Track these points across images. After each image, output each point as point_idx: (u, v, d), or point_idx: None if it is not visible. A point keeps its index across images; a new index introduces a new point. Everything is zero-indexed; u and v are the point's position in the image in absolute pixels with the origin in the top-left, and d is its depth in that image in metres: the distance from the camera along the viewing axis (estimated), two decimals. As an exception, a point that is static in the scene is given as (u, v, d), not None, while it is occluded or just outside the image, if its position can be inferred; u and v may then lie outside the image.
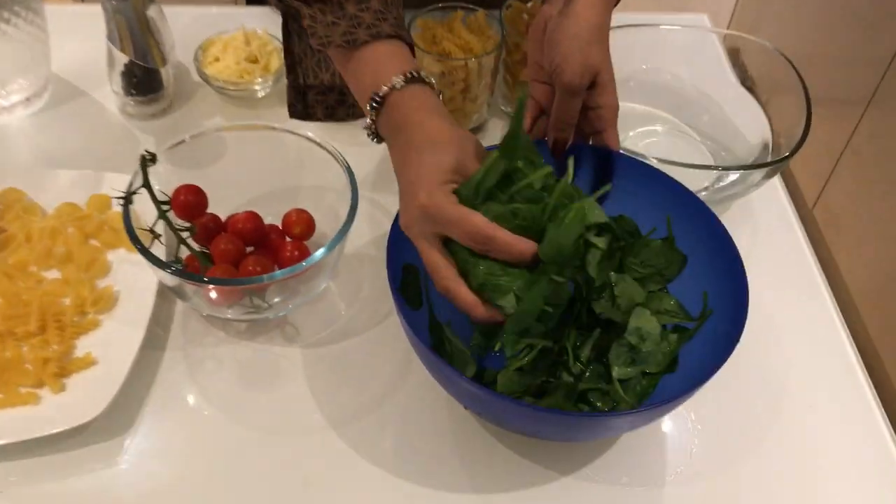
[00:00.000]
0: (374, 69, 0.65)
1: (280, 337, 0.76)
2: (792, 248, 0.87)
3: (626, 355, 0.69)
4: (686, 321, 0.71)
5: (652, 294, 0.73)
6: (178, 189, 0.73)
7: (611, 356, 0.68)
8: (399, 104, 0.64)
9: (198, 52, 0.94)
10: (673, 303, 0.72)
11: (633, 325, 0.69)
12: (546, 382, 0.69)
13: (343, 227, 0.72)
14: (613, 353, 0.68)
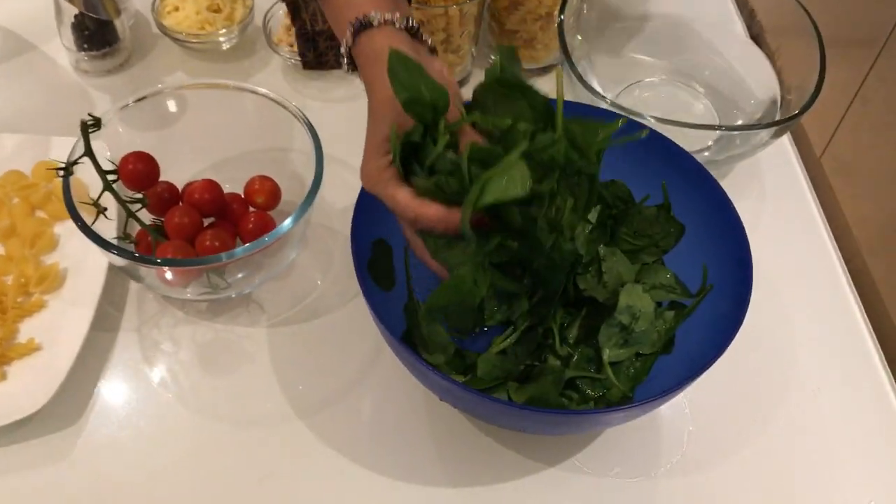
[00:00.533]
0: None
1: (244, 316, 0.70)
2: (802, 215, 0.80)
3: (617, 336, 0.63)
4: (684, 297, 0.65)
5: (646, 267, 0.67)
6: (126, 157, 0.67)
7: (601, 337, 0.62)
8: (361, 51, 0.57)
9: (155, 1, 0.86)
10: (669, 276, 0.66)
11: (623, 302, 0.62)
12: (531, 367, 0.64)
13: (308, 197, 0.65)
14: (604, 334, 0.62)
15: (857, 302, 0.74)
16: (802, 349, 0.70)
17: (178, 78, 0.87)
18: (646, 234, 0.68)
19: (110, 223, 0.66)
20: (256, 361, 0.67)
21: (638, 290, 0.64)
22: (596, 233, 0.68)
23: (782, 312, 0.72)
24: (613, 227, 0.68)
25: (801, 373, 0.69)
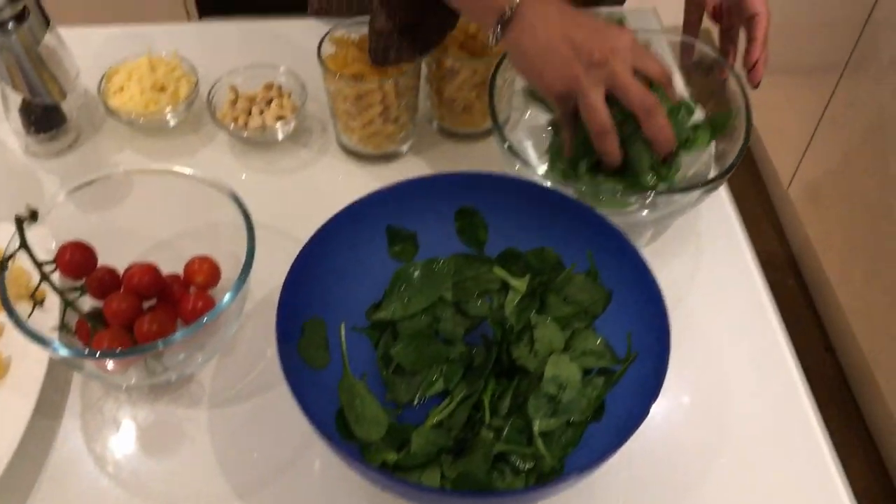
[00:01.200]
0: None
1: (185, 397, 0.71)
2: (738, 267, 0.82)
3: (546, 406, 0.64)
4: (612, 364, 0.66)
5: (577, 332, 0.68)
6: (63, 247, 0.68)
7: (530, 408, 0.63)
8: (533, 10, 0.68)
9: (102, 81, 0.88)
10: (599, 342, 0.67)
11: (550, 373, 0.64)
12: (464, 440, 0.65)
13: (241, 275, 0.67)
14: (532, 406, 0.63)
15: (792, 355, 0.76)
16: (736, 404, 0.71)
17: (127, 156, 0.88)
18: (575, 300, 0.69)
19: (53, 311, 0.68)
20: (197, 442, 0.68)
21: (564, 359, 0.65)
22: (526, 301, 0.70)
23: (717, 367, 0.74)
24: (543, 295, 0.70)
25: (736, 429, 0.70)
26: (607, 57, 0.66)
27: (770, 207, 2.06)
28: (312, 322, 0.65)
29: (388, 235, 0.71)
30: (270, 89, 0.89)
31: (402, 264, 0.72)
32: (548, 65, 0.68)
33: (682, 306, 0.77)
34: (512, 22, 0.68)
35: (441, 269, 0.71)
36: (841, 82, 1.69)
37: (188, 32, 1.02)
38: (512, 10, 0.68)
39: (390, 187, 0.70)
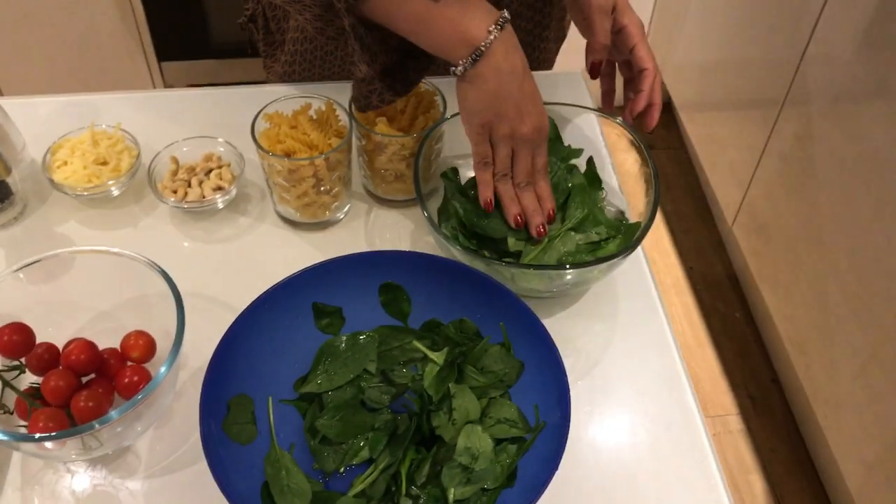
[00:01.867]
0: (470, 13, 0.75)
1: (122, 467, 0.74)
2: (653, 331, 0.86)
3: (459, 475, 0.68)
4: (524, 433, 0.70)
5: (493, 401, 0.73)
6: (2, 329, 0.72)
7: (444, 478, 0.67)
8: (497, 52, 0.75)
9: (46, 156, 0.92)
10: (513, 410, 0.72)
11: (462, 444, 0.68)
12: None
13: (172, 350, 0.70)
14: (446, 476, 0.67)
15: (701, 421, 0.80)
16: (646, 462, 0.76)
17: (71, 227, 0.92)
18: (491, 370, 0.73)
19: (-9, 391, 0.71)
20: (133, 513, 0.71)
21: (477, 430, 0.69)
22: (445, 372, 0.74)
23: (629, 431, 0.78)
24: (461, 366, 0.74)
25: (644, 487, 0.74)
26: (530, 134, 0.78)
27: (718, 239, 2.12)
28: (238, 399, 0.69)
29: (315, 311, 0.75)
30: (210, 160, 0.93)
31: (330, 337, 0.76)
32: (492, 109, 0.77)
33: (598, 370, 0.82)
34: (482, 58, 0.75)
35: (365, 342, 0.75)
36: (781, 115, 1.75)
37: (132, 102, 1.06)
38: (486, 47, 0.75)
39: (315, 266, 0.74)
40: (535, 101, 0.77)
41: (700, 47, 2.15)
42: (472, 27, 0.75)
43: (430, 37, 0.77)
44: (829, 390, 1.59)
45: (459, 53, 0.76)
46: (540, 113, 0.78)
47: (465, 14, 0.75)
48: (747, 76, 1.92)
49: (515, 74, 0.76)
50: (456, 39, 0.75)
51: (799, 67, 1.67)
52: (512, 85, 0.76)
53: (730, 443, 1.73)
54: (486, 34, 0.74)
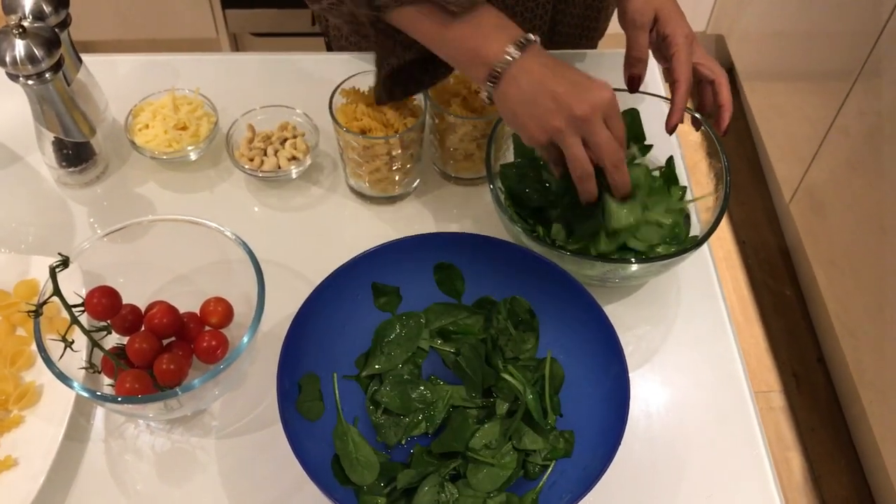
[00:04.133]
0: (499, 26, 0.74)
1: (198, 427, 0.78)
2: (714, 320, 0.87)
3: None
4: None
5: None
6: (92, 292, 0.75)
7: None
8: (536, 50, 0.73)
9: (128, 118, 0.95)
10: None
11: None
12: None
13: (253, 322, 0.74)
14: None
15: (754, 408, 0.82)
16: (698, 455, 0.78)
17: (150, 188, 0.95)
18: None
19: (81, 350, 0.75)
20: (207, 471, 0.76)
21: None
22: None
23: (683, 418, 0.80)
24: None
25: (695, 478, 0.76)
26: (586, 112, 0.71)
27: (773, 213, 2.11)
28: (307, 377, 0.72)
29: (374, 290, 0.79)
30: (285, 129, 0.96)
31: (388, 315, 0.79)
32: (531, 117, 0.73)
33: (656, 357, 0.84)
34: (502, 77, 0.73)
35: (416, 323, 0.79)
36: (853, 91, 1.71)
37: (210, 63, 1.08)
38: (503, 68, 0.73)
39: (375, 248, 0.77)
40: (578, 82, 0.72)
41: (770, 14, 2.10)
42: (485, 48, 0.73)
43: (446, 55, 0.77)
44: (875, 374, 1.59)
45: (476, 73, 0.75)
46: (589, 89, 0.72)
47: (479, 34, 0.74)
48: (819, 47, 1.87)
49: (539, 75, 0.72)
50: (470, 59, 0.75)
51: (877, 42, 1.63)
52: (540, 84, 0.72)
53: (771, 419, 1.75)
54: (502, 55, 0.72)
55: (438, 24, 0.74)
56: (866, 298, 1.62)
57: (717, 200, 0.84)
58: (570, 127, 0.72)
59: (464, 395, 0.76)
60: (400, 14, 0.76)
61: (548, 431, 0.73)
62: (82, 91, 0.93)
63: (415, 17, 0.75)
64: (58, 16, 0.87)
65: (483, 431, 0.72)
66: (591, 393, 0.74)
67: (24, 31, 0.81)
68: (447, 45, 0.76)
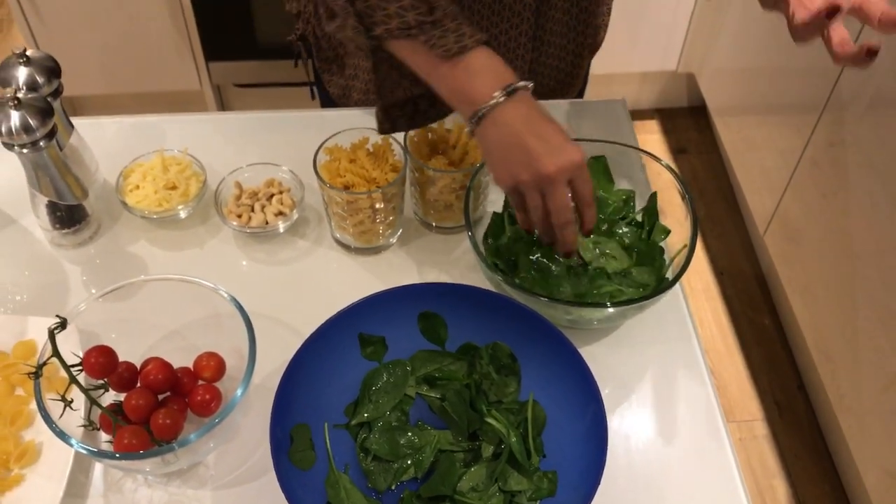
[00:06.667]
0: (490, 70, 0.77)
1: (194, 479, 0.81)
2: (689, 360, 0.91)
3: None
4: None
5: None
6: (89, 352, 0.78)
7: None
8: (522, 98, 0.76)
9: (119, 179, 0.98)
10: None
11: None
12: None
13: (245, 377, 0.77)
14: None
15: (729, 441, 0.85)
16: (678, 487, 0.81)
17: (141, 246, 0.98)
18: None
19: (79, 408, 0.78)
20: (205, 523, 0.78)
21: None
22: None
23: (662, 452, 0.83)
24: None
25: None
26: (552, 173, 0.75)
27: (749, 246, 2.16)
28: (299, 428, 0.75)
29: (360, 341, 0.82)
30: (272, 185, 0.99)
31: (375, 364, 0.82)
32: (502, 163, 0.77)
33: (634, 397, 0.87)
34: (484, 118, 0.77)
35: (402, 371, 0.82)
36: (819, 123, 1.77)
37: (196, 123, 1.12)
38: (487, 110, 0.76)
39: (360, 301, 0.81)
40: (553, 140, 0.75)
41: (738, 53, 2.17)
42: (473, 89, 0.76)
43: (437, 89, 0.80)
44: (853, 399, 1.63)
45: (462, 111, 0.78)
46: (563, 150, 0.75)
47: (467, 75, 0.77)
48: (786, 82, 1.94)
49: (519, 125, 0.75)
50: (457, 98, 0.78)
51: (840, 76, 1.69)
52: (517, 135, 0.75)
53: (755, 448, 1.78)
54: (488, 97, 0.75)
55: (431, 60, 0.78)
56: (841, 324, 1.66)
57: (686, 250, 0.88)
58: (534, 182, 0.76)
59: (450, 439, 0.79)
60: (397, 45, 0.80)
61: (532, 472, 0.76)
62: (74, 155, 0.97)
63: (410, 50, 0.79)
64: (50, 85, 0.91)
65: (470, 474, 0.75)
66: (571, 432, 0.77)
67: (19, 103, 0.84)
68: (437, 81, 0.79)
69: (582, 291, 0.87)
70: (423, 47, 0.78)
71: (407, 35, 0.77)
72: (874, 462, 1.56)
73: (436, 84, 0.80)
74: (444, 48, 0.76)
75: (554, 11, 1.03)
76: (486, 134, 0.77)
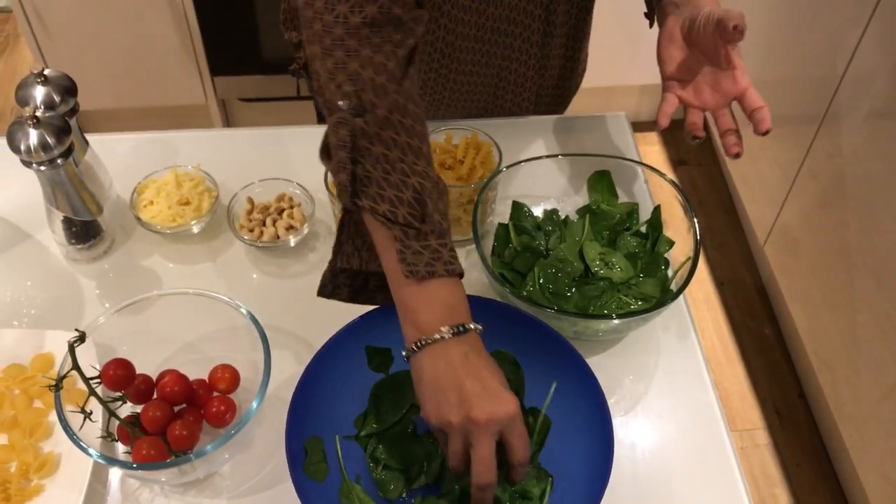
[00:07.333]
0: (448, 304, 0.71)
1: (210, 489, 0.83)
2: (692, 369, 0.93)
3: None
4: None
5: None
6: (107, 365, 0.80)
7: None
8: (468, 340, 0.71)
9: (133, 195, 1.00)
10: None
11: None
12: None
13: (260, 390, 0.79)
14: None
15: (732, 449, 0.87)
16: (683, 495, 0.83)
17: (155, 261, 1.00)
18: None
19: (97, 420, 0.80)
20: (220, 532, 0.80)
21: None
22: None
23: (667, 460, 0.85)
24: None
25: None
26: (481, 420, 0.67)
27: (749, 256, 2.18)
28: (312, 441, 0.77)
29: (368, 353, 0.84)
30: (282, 200, 1.01)
31: (381, 375, 0.84)
32: (432, 399, 0.70)
33: (639, 406, 0.89)
34: (424, 349, 0.70)
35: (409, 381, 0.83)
36: (818, 135, 1.79)
37: (207, 139, 1.14)
38: (429, 342, 0.70)
39: (367, 314, 0.82)
40: (489, 388, 0.69)
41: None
42: (424, 316, 0.70)
43: (392, 293, 0.73)
44: (853, 407, 1.65)
45: (406, 331, 0.72)
46: (496, 399, 0.68)
47: (423, 300, 0.71)
48: (785, 94, 1.96)
49: (458, 364, 0.69)
50: (406, 316, 0.72)
51: (838, 88, 1.71)
52: (454, 375, 0.69)
53: (756, 456, 1.79)
54: (435, 331, 0.70)
55: (397, 265, 0.71)
56: (841, 334, 1.68)
57: (690, 255, 0.90)
58: (461, 426, 0.69)
59: None
60: (375, 224, 0.73)
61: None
62: (89, 172, 0.99)
63: (382, 237, 0.73)
64: (67, 104, 0.93)
65: None
66: (577, 440, 0.79)
67: (38, 121, 0.86)
68: (394, 288, 0.73)
69: (588, 303, 0.89)
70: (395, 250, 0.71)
71: (388, 227, 0.71)
72: (875, 470, 1.58)
73: (392, 288, 0.74)
74: (412, 267, 0.71)
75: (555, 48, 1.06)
76: (422, 365, 0.71)
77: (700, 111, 0.92)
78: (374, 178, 0.71)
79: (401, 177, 0.71)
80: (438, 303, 0.71)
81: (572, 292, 0.89)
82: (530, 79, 1.12)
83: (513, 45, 1.07)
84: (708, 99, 0.92)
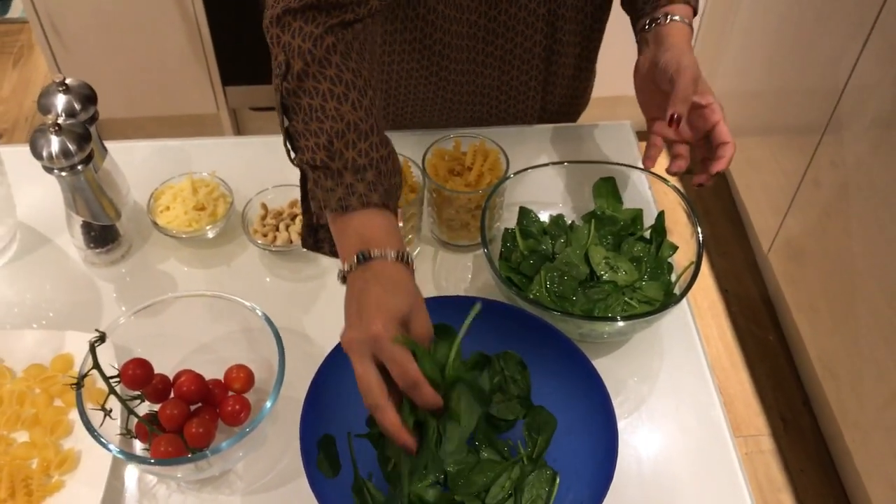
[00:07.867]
0: (359, 234, 0.75)
1: (225, 485, 0.85)
2: (696, 373, 0.95)
3: None
4: None
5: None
6: (127, 364, 0.82)
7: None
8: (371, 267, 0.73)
9: (150, 201, 1.03)
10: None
11: None
12: None
13: (274, 389, 0.81)
14: None
15: (735, 451, 0.89)
16: (687, 497, 0.85)
17: (171, 265, 1.03)
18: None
19: (116, 417, 0.82)
20: (236, 527, 0.82)
21: None
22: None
23: (672, 462, 0.87)
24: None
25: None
26: (345, 345, 0.70)
27: (754, 264, 2.20)
28: (324, 439, 0.79)
29: None
30: (295, 206, 1.04)
31: None
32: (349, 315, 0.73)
33: (644, 408, 0.91)
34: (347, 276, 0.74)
35: None
36: (822, 143, 1.82)
37: (220, 147, 1.17)
38: (345, 272, 0.74)
39: None
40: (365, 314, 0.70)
41: (740, 76, 2.22)
42: (341, 249, 0.75)
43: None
44: (857, 413, 1.66)
45: (345, 259, 0.75)
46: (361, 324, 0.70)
47: (342, 234, 0.75)
48: (788, 104, 1.98)
49: (354, 294, 0.72)
50: (338, 248, 0.76)
51: (840, 98, 1.74)
52: (348, 304, 0.73)
53: (761, 462, 1.81)
54: (347, 261, 0.74)
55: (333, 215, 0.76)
56: (845, 341, 1.70)
57: (693, 260, 0.92)
58: (361, 342, 0.70)
59: None
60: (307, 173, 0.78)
61: None
62: (108, 178, 1.02)
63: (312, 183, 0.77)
64: (87, 112, 0.96)
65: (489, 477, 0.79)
66: (582, 441, 0.81)
67: (59, 129, 0.89)
68: (330, 223, 0.78)
69: (593, 306, 0.91)
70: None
71: (311, 172, 0.77)
72: (879, 476, 1.59)
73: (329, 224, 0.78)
74: (323, 202, 0.75)
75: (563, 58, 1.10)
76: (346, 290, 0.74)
77: (682, 143, 0.97)
78: (299, 131, 0.78)
79: (318, 124, 0.76)
80: (351, 234, 0.75)
81: (578, 295, 0.92)
82: (533, 89, 1.14)
83: (513, 52, 1.09)
84: (685, 132, 0.96)
